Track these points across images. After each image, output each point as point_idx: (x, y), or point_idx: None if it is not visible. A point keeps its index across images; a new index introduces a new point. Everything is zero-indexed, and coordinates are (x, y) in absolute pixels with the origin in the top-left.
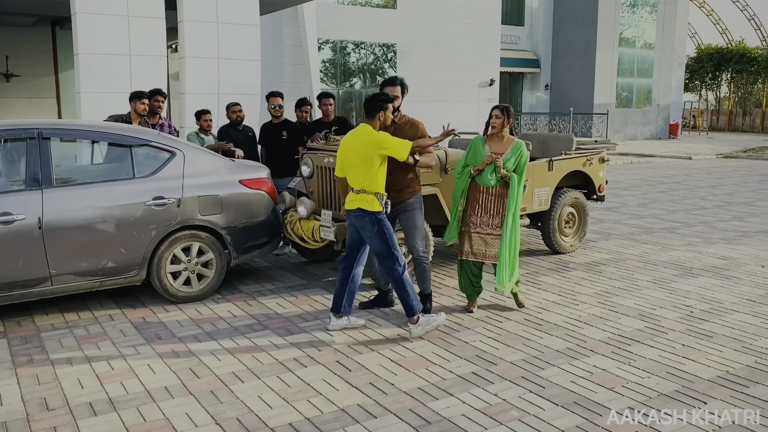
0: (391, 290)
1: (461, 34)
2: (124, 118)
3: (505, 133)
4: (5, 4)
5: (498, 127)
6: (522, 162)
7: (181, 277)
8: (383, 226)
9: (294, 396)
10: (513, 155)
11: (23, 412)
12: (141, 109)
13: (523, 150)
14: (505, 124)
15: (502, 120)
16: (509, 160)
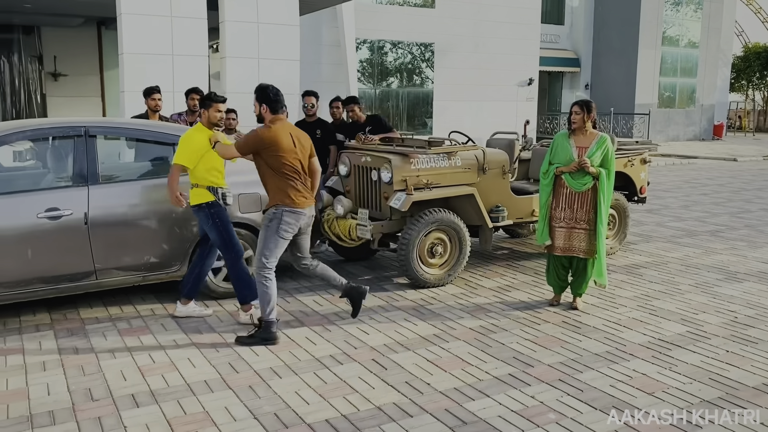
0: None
1: (500, 32)
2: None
3: (588, 127)
4: (54, 6)
5: (579, 122)
6: (609, 156)
7: (221, 273)
8: (216, 219)
9: (330, 393)
10: (598, 149)
11: (69, 401)
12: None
13: (608, 143)
14: (585, 119)
15: (582, 115)
16: (594, 154)
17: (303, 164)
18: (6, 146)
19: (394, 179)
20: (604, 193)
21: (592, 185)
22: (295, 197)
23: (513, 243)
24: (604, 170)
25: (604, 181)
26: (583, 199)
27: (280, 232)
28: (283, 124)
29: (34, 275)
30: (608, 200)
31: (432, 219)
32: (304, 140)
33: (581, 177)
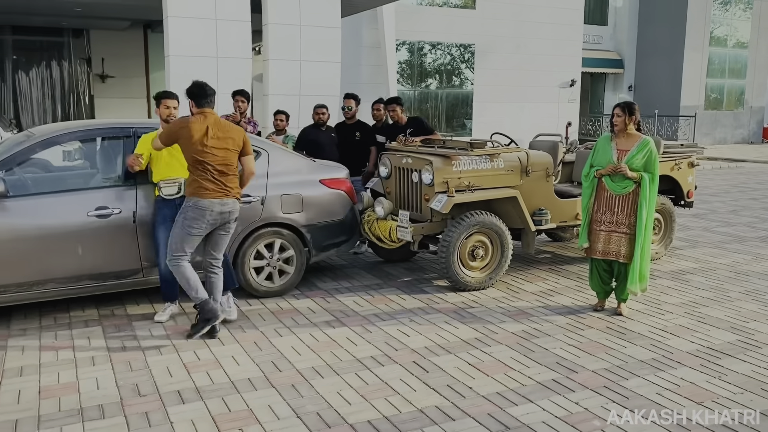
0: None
1: (542, 33)
2: None
3: (630, 130)
4: (103, 9)
5: (620, 125)
6: (651, 159)
7: (263, 273)
8: (156, 215)
9: (372, 394)
10: (638, 152)
11: (118, 396)
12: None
13: (650, 147)
14: (627, 122)
15: (623, 118)
16: (634, 157)
17: (223, 160)
18: (56, 146)
19: (435, 181)
20: (646, 198)
21: (633, 189)
22: (199, 191)
23: (555, 247)
24: (646, 174)
25: (646, 185)
26: (623, 203)
27: (185, 227)
28: (204, 118)
29: (84, 272)
30: (651, 205)
31: (473, 221)
32: (230, 136)
33: (621, 180)
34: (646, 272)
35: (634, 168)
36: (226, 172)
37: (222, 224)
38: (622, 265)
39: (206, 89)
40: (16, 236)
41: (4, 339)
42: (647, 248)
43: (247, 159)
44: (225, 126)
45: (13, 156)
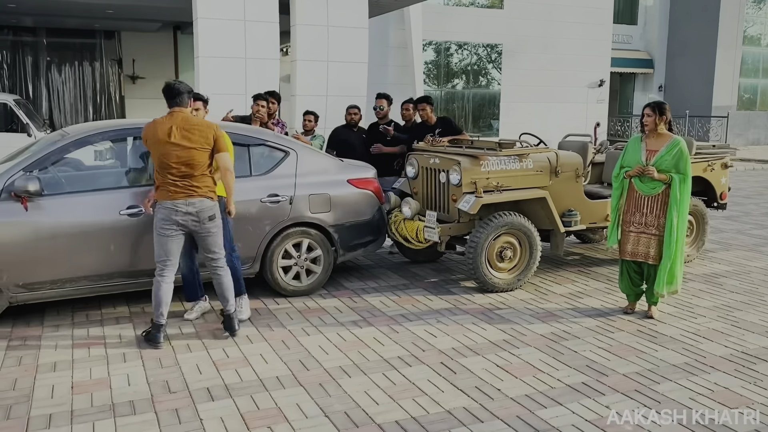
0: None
1: (570, 33)
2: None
3: (661, 130)
4: (134, 11)
5: (650, 125)
6: (682, 159)
7: (291, 272)
8: None
9: (400, 394)
10: (668, 153)
11: (148, 392)
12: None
13: (680, 147)
14: (657, 122)
15: (653, 118)
16: (662, 158)
17: (187, 159)
18: (88, 146)
19: (462, 181)
20: (676, 199)
21: (662, 189)
22: (163, 193)
23: (585, 248)
24: (676, 175)
25: (676, 186)
26: (653, 204)
27: (157, 229)
28: (171, 117)
29: (115, 270)
30: (683, 206)
31: (501, 222)
32: (197, 134)
33: (650, 180)
34: (678, 275)
35: (662, 169)
36: (191, 172)
37: (197, 225)
38: (652, 267)
39: (174, 89)
40: (50, 234)
41: (37, 335)
42: (679, 251)
43: (220, 156)
44: (193, 124)
45: (47, 155)
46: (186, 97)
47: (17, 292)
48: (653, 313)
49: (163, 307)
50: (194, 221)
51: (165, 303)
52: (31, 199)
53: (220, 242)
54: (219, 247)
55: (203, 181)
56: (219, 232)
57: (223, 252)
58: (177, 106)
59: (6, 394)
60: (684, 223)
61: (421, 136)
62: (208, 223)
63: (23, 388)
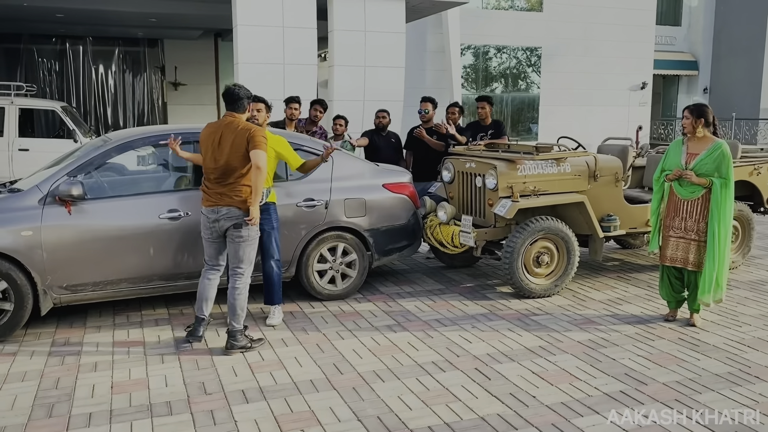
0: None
1: (611, 35)
2: (279, 124)
3: (702, 133)
4: (176, 19)
5: (688, 127)
6: (724, 163)
7: (326, 276)
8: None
9: (433, 399)
10: (708, 156)
11: (185, 393)
12: (288, 114)
13: (722, 150)
14: (696, 125)
15: (691, 120)
16: (702, 161)
17: (221, 164)
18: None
19: (499, 185)
20: (718, 204)
21: (702, 194)
22: (202, 196)
23: (625, 254)
24: (717, 179)
25: (717, 190)
26: (692, 208)
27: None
28: (220, 123)
29: (155, 272)
30: (724, 211)
31: (538, 227)
32: (234, 140)
33: (689, 184)
34: (723, 282)
35: (702, 173)
36: (226, 179)
37: (212, 230)
38: (692, 274)
39: (232, 93)
40: (92, 237)
41: (80, 335)
42: (723, 257)
43: (252, 153)
44: (235, 130)
45: (90, 160)
46: (244, 102)
47: (61, 293)
48: (695, 320)
49: (202, 302)
50: (223, 228)
51: (204, 298)
52: (75, 203)
53: (244, 256)
54: (241, 260)
55: (236, 189)
56: (245, 244)
57: (246, 268)
58: (231, 111)
59: (49, 393)
60: (728, 229)
61: (474, 134)
62: (233, 231)
63: (65, 387)
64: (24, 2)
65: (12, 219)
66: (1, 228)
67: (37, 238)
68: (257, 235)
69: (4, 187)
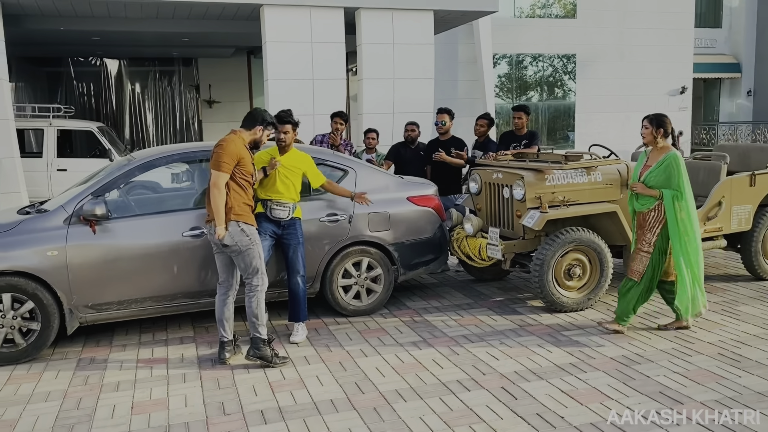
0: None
1: (648, 40)
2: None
3: (662, 144)
4: (208, 38)
5: (648, 138)
6: (673, 175)
7: (351, 291)
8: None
9: (456, 420)
10: (657, 168)
11: (204, 414)
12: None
13: (671, 162)
14: (655, 135)
15: (650, 131)
16: (652, 173)
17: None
18: (163, 168)
19: (527, 196)
20: (672, 216)
21: (654, 206)
22: None
23: None
24: (669, 191)
25: (669, 203)
26: (644, 220)
27: None
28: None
29: (179, 290)
30: (683, 224)
31: (569, 238)
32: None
33: (642, 196)
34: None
35: (653, 185)
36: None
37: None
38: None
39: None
40: (116, 256)
41: (105, 354)
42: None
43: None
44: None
45: (114, 179)
46: (255, 123)
47: (86, 312)
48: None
49: (220, 325)
50: (215, 243)
51: (222, 320)
52: (99, 223)
53: (246, 265)
54: (245, 270)
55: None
56: (241, 256)
57: (252, 277)
58: (239, 128)
59: (70, 413)
60: (693, 242)
61: (508, 145)
62: (224, 247)
63: (86, 408)
64: (61, 27)
65: (38, 239)
66: (28, 248)
67: (62, 258)
68: (251, 243)
69: (33, 207)
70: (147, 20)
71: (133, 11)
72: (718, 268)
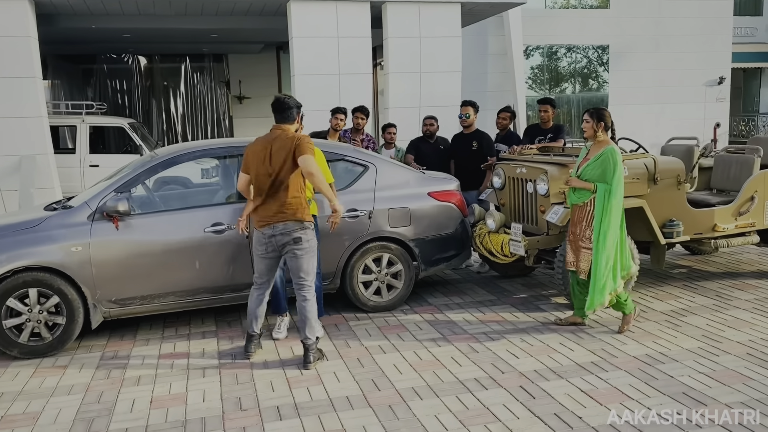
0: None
1: (684, 29)
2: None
3: (602, 137)
4: (236, 34)
5: (588, 131)
6: (608, 169)
7: (371, 287)
8: None
9: (471, 420)
10: (594, 162)
11: (220, 409)
12: (334, 124)
13: (608, 156)
14: (596, 128)
15: (591, 124)
16: (589, 167)
17: (273, 180)
18: (190, 164)
19: (550, 191)
20: (601, 210)
21: (589, 199)
22: (254, 214)
23: (693, 261)
24: (602, 185)
25: (600, 196)
26: (580, 214)
27: (252, 246)
28: (268, 137)
29: (201, 285)
30: (609, 219)
31: None
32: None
33: (578, 190)
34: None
35: (588, 178)
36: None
37: (282, 247)
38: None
39: (281, 103)
40: (139, 251)
41: (128, 348)
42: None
43: (300, 159)
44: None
45: (137, 176)
46: (293, 112)
47: (110, 307)
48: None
49: (252, 318)
50: (279, 244)
51: (254, 314)
52: (122, 219)
53: (308, 267)
54: (305, 272)
55: (287, 203)
56: (306, 255)
57: (310, 279)
58: (280, 123)
59: (91, 407)
60: (613, 238)
61: (532, 138)
62: (292, 245)
63: (107, 402)
64: (92, 25)
65: (63, 235)
66: (53, 244)
67: (86, 253)
68: (316, 242)
69: (59, 203)
70: (176, 17)
71: (162, 8)
72: (751, 264)
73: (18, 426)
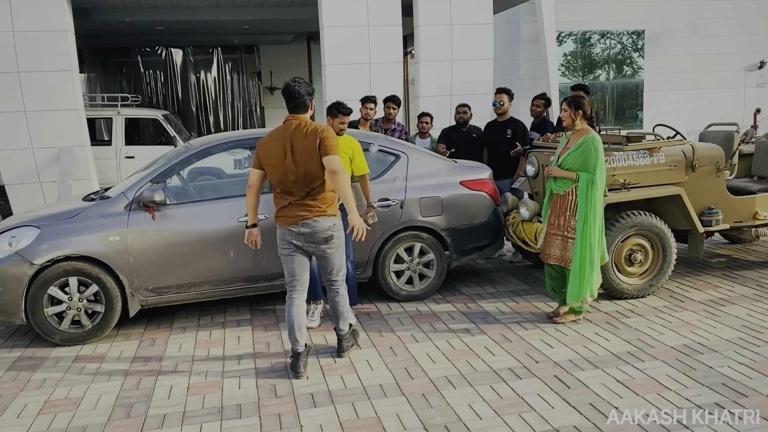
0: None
1: (722, 12)
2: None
3: (580, 126)
4: (267, 24)
5: (567, 120)
6: (590, 158)
7: (403, 276)
8: None
9: (505, 409)
10: (575, 150)
11: (256, 396)
12: (364, 113)
13: (589, 144)
14: (574, 117)
15: (569, 113)
16: (570, 156)
17: (300, 175)
18: (224, 155)
19: None
20: (584, 199)
21: (570, 188)
22: (277, 212)
23: (733, 250)
24: (584, 174)
25: (583, 186)
26: (562, 204)
27: (278, 248)
28: (285, 130)
29: (236, 275)
30: (592, 208)
31: (630, 223)
32: (307, 146)
33: (560, 179)
34: (588, 284)
35: (570, 167)
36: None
37: (312, 246)
38: (567, 270)
39: (291, 91)
40: (175, 241)
41: (165, 336)
42: (590, 257)
43: (325, 160)
44: (306, 134)
45: (172, 167)
46: (306, 100)
47: (147, 296)
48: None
49: (296, 332)
50: (309, 243)
51: (297, 326)
52: (158, 209)
53: (339, 264)
54: (336, 270)
55: (320, 199)
56: (336, 252)
57: (341, 274)
58: (294, 114)
59: (130, 393)
60: (595, 227)
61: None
62: (323, 245)
63: (145, 388)
64: (126, 18)
65: (101, 225)
66: (91, 234)
67: (123, 243)
68: (344, 235)
69: (97, 194)
70: (208, 8)
71: (195, 0)
72: None
73: (60, 411)
